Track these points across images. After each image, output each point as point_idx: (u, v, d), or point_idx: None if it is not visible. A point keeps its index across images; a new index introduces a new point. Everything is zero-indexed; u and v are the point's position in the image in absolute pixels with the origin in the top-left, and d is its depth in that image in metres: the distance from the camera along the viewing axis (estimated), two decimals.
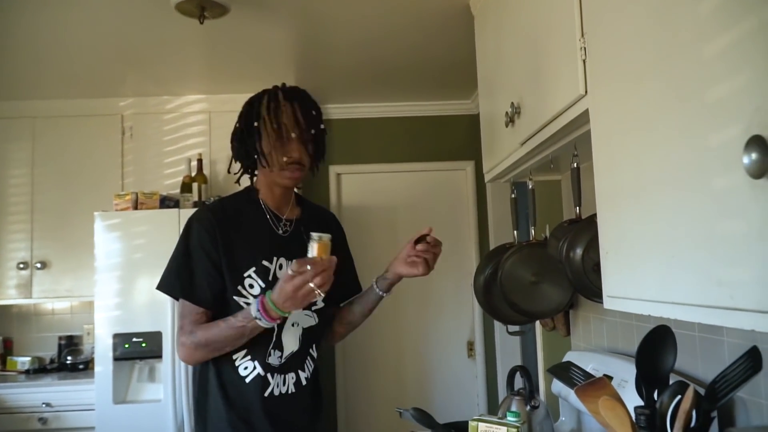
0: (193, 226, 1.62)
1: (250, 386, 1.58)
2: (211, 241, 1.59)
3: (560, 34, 1.35)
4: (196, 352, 1.56)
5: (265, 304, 1.45)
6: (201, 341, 1.54)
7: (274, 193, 1.70)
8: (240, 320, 1.50)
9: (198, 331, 1.55)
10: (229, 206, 1.69)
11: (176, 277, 1.60)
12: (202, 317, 1.57)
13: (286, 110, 1.59)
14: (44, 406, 3.24)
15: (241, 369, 1.60)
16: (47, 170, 3.68)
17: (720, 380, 1.00)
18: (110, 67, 3.27)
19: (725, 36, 0.76)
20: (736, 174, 0.72)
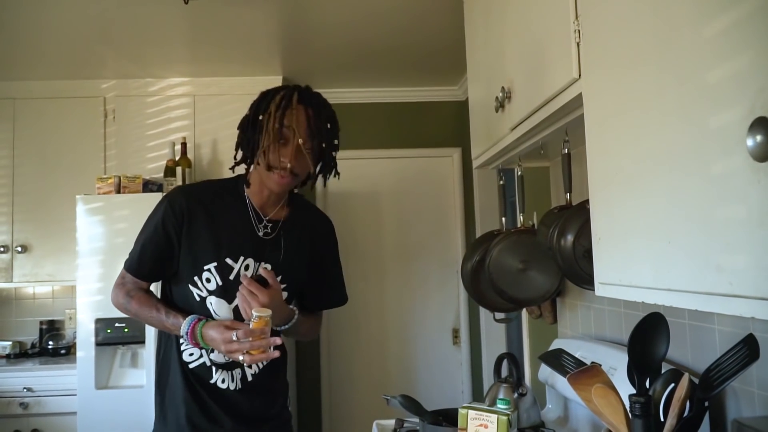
0: (163, 202, 1.61)
1: (194, 372, 1.59)
2: (173, 224, 1.56)
3: (553, 16, 1.32)
4: (124, 311, 1.62)
5: (195, 331, 1.50)
6: (131, 310, 1.60)
7: (262, 191, 1.61)
8: (169, 323, 1.55)
9: (134, 299, 1.59)
10: (209, 193, 1.63)
11: (133, 250, 1.63)
12: (140, 284, 1.62)
13: (295, 113, 1.49)
14: (25, 391, 3.20)
15: (185, 354, 1.60)
16: (28, 152, 3.61)
17: (714, 369, 0.99)
18: (92, 48, 3.20)
19: (727, 15, 0.74)
20: (737, 157, 0.70)
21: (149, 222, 1.61)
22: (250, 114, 1.55)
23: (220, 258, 1.56)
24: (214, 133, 3.67)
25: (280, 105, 1.48)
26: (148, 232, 1.60)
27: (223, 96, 3.69)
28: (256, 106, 1.54)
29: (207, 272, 1.56)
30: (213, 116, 3.68)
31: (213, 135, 3.67)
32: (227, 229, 1.58)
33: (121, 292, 1.62)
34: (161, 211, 1.58)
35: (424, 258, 4.08)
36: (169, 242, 1.57)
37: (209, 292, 1.57)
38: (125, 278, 1.63)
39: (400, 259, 4.07)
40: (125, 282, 1.63)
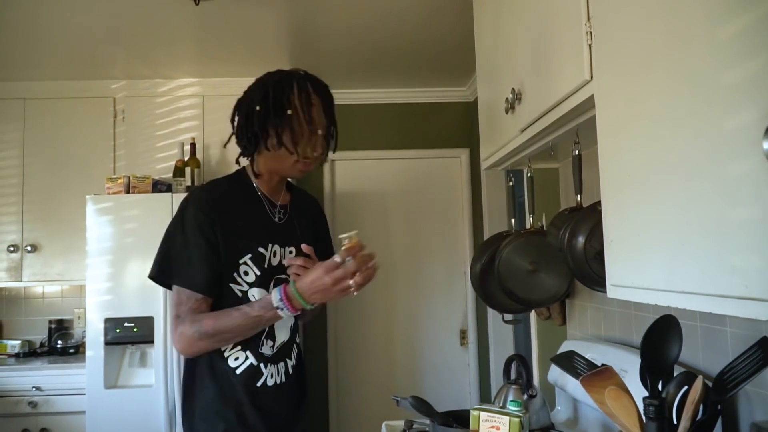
0: (189, 207, 1.54)
1: (241, 377, 1.53)
2: (209, 223, 1.51)
3: (565, 18, 1.32)
4: (199, 342, 1.46)
5: (289, 294, 1.41)
6: (208, 331, 1.45)
7: (272, 179, 1.64)
8: (256, 309, 1.44)
9: (204, 319, 1.46)
10: (223, 189, 1.62)
11: (171, 262, 1.51)
12: (201, 305, 1.49)
13: (316, 107, 1.56)
14: (34, 390, 3.22)
15: (231, 360, 1.54)
16: (38, 152, 3.63)
17: (728, 371, 0.99)
18: (102, 48, 3.21)
19: (741, 18, 0.73)
20: (752, 159, 0.70)
21: (184, 233, 1.52)
22: (265, 106, 1.52)
23: (253, 248, 1.55)
24: (223, 133, 3.66)
25: (302, 98, 1.53)
26: (190, 242, 1.51)
27: (232, 96, 3.60)
28: (274, 99, 1.52)
29: (244, 265, 1.54)
30: (222, 117, 3.65)
31: (222, 135, 3.68)
32: (249, 220, 1.58)
33: (185, 325, 1.47)
34: (191, 217, 1.52)
35: (431, 259, 4.08)
36: (214, 245, 1.51)
37: (249, 284, 1.55)
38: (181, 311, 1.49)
39: (408, 259, 4.07)
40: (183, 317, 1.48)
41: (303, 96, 1.54)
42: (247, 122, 1.55)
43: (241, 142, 1.59)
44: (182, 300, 1.49)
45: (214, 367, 1.53)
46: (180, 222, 1.53)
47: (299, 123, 1.52)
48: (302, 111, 1.52)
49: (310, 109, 1.53)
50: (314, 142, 1.55)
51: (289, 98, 1.53)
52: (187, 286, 1.49)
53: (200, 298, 1.49)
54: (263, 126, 1.53)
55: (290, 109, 1.51)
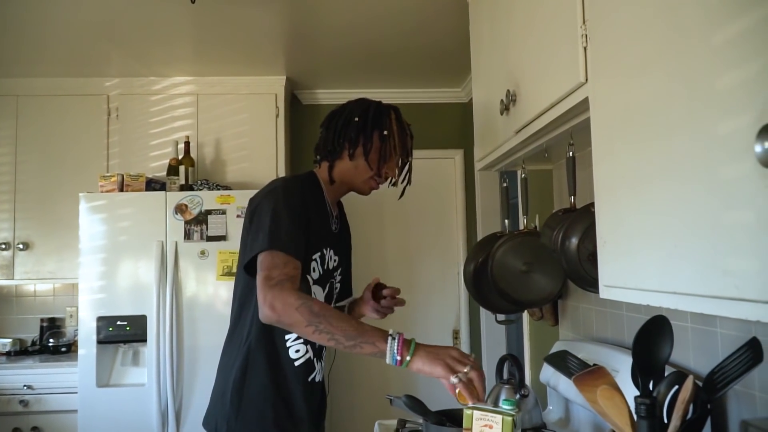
0: (286, 192, 1.55)
1: (299, 369, 1.56)
2: (303, 210, 1.54)
3: (561, 21, 1.34)
4: (295, 312, 1.34)
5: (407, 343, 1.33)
6: (314, 309, 1.34)
7: (338, 190, 1.73)
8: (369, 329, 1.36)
9: (312, 301, 1.36)
10: (307, 187, 1.65)
11: (285, 233, 1.46)
12: (297, 277, 1.43)
13: (408, 137, 1.71)
14: (25, 389, 3.20)
15: (292, 351, 1.56)
16: (31, 149, 3.62)
17: (718, 371, 1.00)
18: (96, 46, 3.21)
19: (736, 23, 0.75)
20: (745, 163, 0.72)
21: (278, 208, 1.49)
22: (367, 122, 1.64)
23: (321, 247, 1.61)
24: (217, 132, 3.68)
25: (398, 126, 1.67)
26: (293, 213, 1.50)
27: (226, 95, 3.70)
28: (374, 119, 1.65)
29: (314, 261, 1.58)
30: (216, 115, 3.69)
31: (216, 134, 3.68)
32: (319, 222, 1.63)
33: (288, 289, 1.38)
34: (284, 196, 1.53)
35: (425, 259, 4.09)
36: (306, 225, 1.53)
37: (313, 280, 1.58)
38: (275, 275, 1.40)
39: (402, 260, 4.08)
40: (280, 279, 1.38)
41: (400, 125, 1.67)
42: (343, 128, 1.65)
43: (327, 147, 1.67)
44: (277, 263, 1.41)
45: (274, 355, 1.54)
46: (279, 199, 1.51)
47: (390, 145, 1.64)
48: (397, 136, 1.66)
49: (405, 138, 1.68)
50: (392, 165, 1.68)
51: (389, 120, 1.66)
52: (288, 251, 1.43)
53: (298, 266, 1.44)
54: (358, 135, 1.63)
55: (387, 130, 1.64)
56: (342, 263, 1.74)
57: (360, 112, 1.65)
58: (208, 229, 3.14)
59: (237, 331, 1.59)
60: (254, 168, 3.66)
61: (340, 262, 1.73)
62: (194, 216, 3.14)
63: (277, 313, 1.35)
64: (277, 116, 3.69)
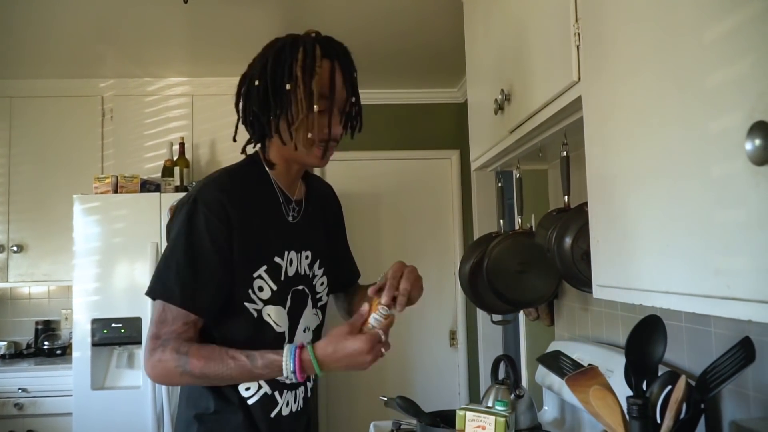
0: (198, 210, 1.24)
1: (253, 408, 1.30)
2: (223, 231, 1.24)
3: (553, 20, 1.33)
4: (180, 378, 1.21)
5: (305, 363, 1.18)
6: (193, 372, 1.19)
7: (290, 170, 1.36)
8: (259, 368, 1.19)
9: (191, 357, 1.19)
10: (238, 183, 1.32)
11: (176, 279, 1.22)
12: (189, 330, 1.22)
13: (326, 73, 1.24)
14: (20, 392, 3.19)
15: (242, 389, 1.30)
16: (25, 151, 3.61)
17: (711, 371, 1.00)
18: (91, 47, 3.20)
19: (727, 20, 0.74)
20: (736, 161, 0.71)
21: (190, 236, 1.23)
22: (264, 81, 1.25)
23: (270, 258, 1.30)
24: (212, 133, 3.67)
25: (306, 68, 1.22)
26: (194, 250, 1.23)
27: (222, 96, 3.69)
28: (272, 70, 1.24)
29: (259, 279, 1.28)
30: (212, 116, 3.68)
31: (211, 135, 3.67)
32: (267, 221, 1.32)
33: (167, 354, 1.19)
34: (201, 219, 1.23)
35: (421, 259, 4.08)
36: (222, 256, 1.24)
37: (264, 302, 1.29)
38: (163, 333, 1.20)
39: (398, 260, 4.06)
40: (164, 340, 1.20)
41: (308, 63, 1.22)
42: (246, 101, 1.29)
43: (248, 129, 1.33)
44: (167, 319, 1.21)
45: (221, 399, 1.29)
46: (187, 227, 1.23)
47: (299, 98, 1.22)
48: (305, 82, 1.21)
49: (312, 80, 1.22)
50: (327, 121, 1.25)
51: (290, 67, 1.23)
52: (182, 306, 1.21)
53: (191, 321, 1.22)
54: (264, 105, 1.25)
55: (291, 81, 1.22)
56: (318, 254, 1.42)
57: (259, 72, 1.26)
58: None
59: None
60: None
61: (315, 255, 1.41)
62: None
63: (160, 381, 1.25)
64: None
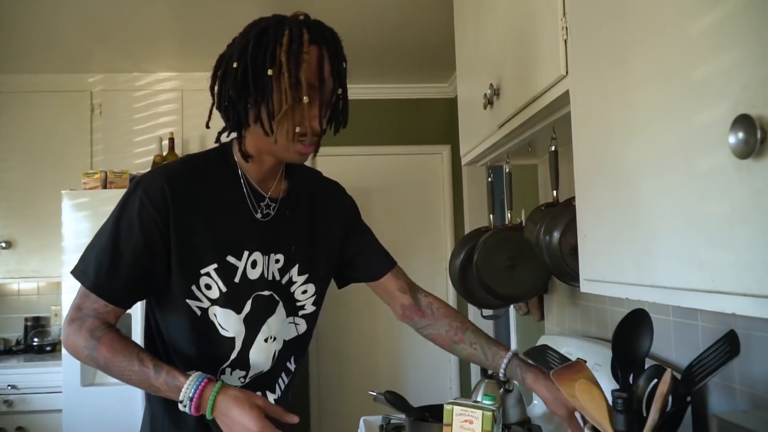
0: (135, 196, 1.17)
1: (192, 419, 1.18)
2: (157, 223, 1.16)
3: (541, 14, 1.33)
4: (85, 359, 1.16)
5: (203, 397, 1.09)
6: (99, 360, 1.14)
7: (263, 163, 1.24)
8: (161, 380, 1.12)
9: (101, 345, 1.13)
10: (194, 171, 1.23)
11: (94, 262, 1.16)
12: (110, 314, 1.18)
13: (313, 60, 1.12)
14: (10, 389, 3.18)
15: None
16: (12, 146, 3.58)
17: (696, 364, 1.00)
18: (79, 41, 3.17)
19: (712, 13, 0.74)
20: (720, 154, 0.71)
21: (119, 220, 1.17)
22: (243, 64, 1.13)
23: (221, 257, 1.21)
24: (202, 128, 3.62)
25: (291, 52, 1.10)
26: (119, 234, 1.16)
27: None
28: (253, 52, 1.12)
29: (206, 277, 1.20)
30: (201, 111, 3.62)
31: (201, 130, 3.65)
32: (224, 217, 1.23)
33: (82, 332, 1.14)
34: (135, 204, 1.16)
35: (413, 254, 4.09)
36: (151, 247, 1.17)
37: (211, 301, 1.22)
38: (85, 306, 1.16)
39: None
40: (85, 314, 1.15)
41: (293, 47, 1.11)
42: (222, 86, 1.17)
43: (224, 117, 1.20)
44: (89, 297, 1.17)
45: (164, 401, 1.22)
46: (118, 212, 1.18)
47: (283, 86, 1.10)
48: (290, 69, 1.10)
49: (300, 65, 1.10)
50: (309, 113, 1.14)
51: (274, 51, 1.11)
52: (94, 290, 1.16)
53: (111, 310, 1.18)
54: (242, 90, 1.13)
55: (273, 66, 1.10)
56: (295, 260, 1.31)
57: (239, 54, 1.14)
58: None
59: None
60: None
61: (290, 259, 1.30)
62: None
63: (73, 356, 1.18)
64: None
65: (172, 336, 1.24)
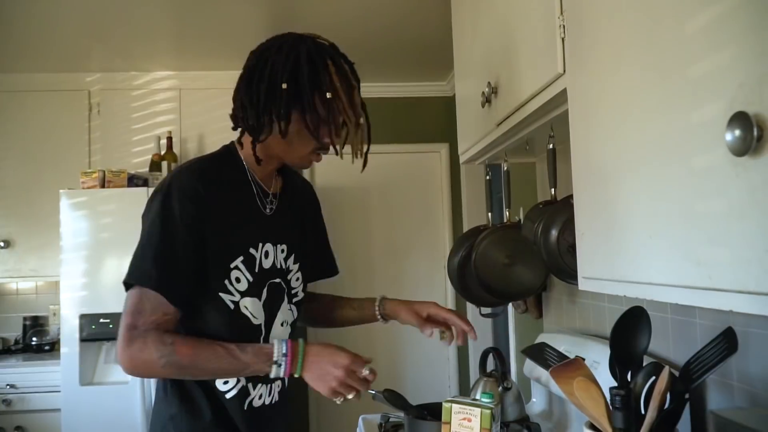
0: (172, 195, 1.23)
1: (232, 401, 1.31)
2: (198, 217, 1.24)
3: (539, 12, 1.33)
4: (161, 370, 1.20)
5: (295, 353, 1.23)
6: (181, 362, 1.19)
7: (269, 164, 1.38)
8: (249, 355, 1.22)
9: (178, 346, 1.19)
10: (213, 173, 1.32)
11: (152, 263, 1.21)
12: (169, 322, 1.22)
13: (356, 95, 1.31)
14: (8, 388, 3.17)
15: (219, 384, 1.30)
16: (10, 146, 3.58)
17: (694, 361, 1.00)
18: (77, 40, 3.17)
19: (708, 11, 0.74)
20: (717, 152, 0.71)
21: (165, 223, 1.23)
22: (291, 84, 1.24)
23: (245, 249, 1.31)
24: (200, 127, 3.65)
25: (341, 80, 1.27)
26: (172, 236, 1.22)
27: (209, 90, 3.67)
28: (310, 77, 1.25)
29: (236, 270, 1.29)
30: (199, 110, 3.66)
31: (199, 129, 3.65)
32: (242, 213, 1.33)
33: (149, 346, 1.18)
34: (176, 206, 1.23)
35: (411, 253, 4.09)
36: (198, 246, 1.24)
37: (241, 294, 1.30)
38: (140, 323, 1.19)
39: (388, 254, 4.08)
40: (142, 330, 1.19)
41: (341, 75, 1.27)
42: (268, 100, 1.25)
43: (250, 122, 1.28)
44: (144, 309, 1.20)
45: (204, 391, 1.30)
46: (162, 212, 1.23)
47: (337, 109, 1.26)
48: (344, 93, 1.26)
49: (352, 93, 1.28)
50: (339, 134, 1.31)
51: (328, 76, 1.25)
52: (159, 289, 1.20)
53: (171, 313, 1.22)
54: (290, 109, 1.25)
55: (330, 91, 1.25)
56: (293, 249, 1.43)
57: (288, 74, 1.24)
58: None
59: None
60: None
61: (290, 249, 1.42)
62: None
63: (141, 375, 1.24)
64: None
65: (210, 333, 1.28)
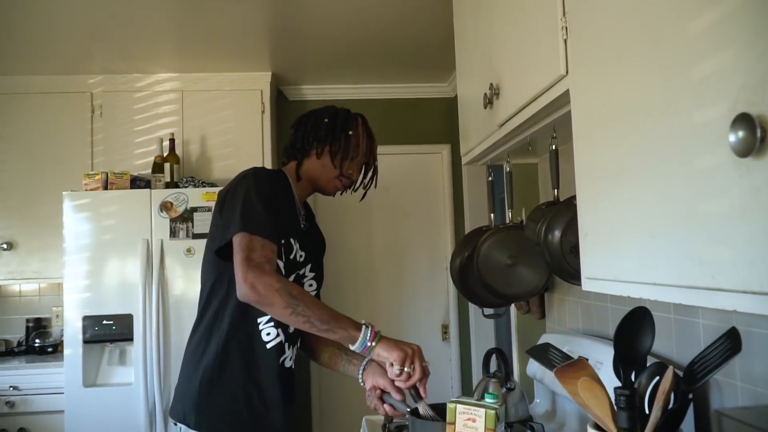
0: (260, 174, 1.60)
1: (270, 352, 1.58)
2: (272, 196, 1.57)
3: (541, 13, 1.33)
4: (276, 294, 1.40)
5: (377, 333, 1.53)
6: (294, 293, 1.41)
7: (305, 188, 1.77)
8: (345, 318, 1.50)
9: (289, 283, 1.44)
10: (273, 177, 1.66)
11: (258, 217, 1.49)
12: (275, 257, 1.49)
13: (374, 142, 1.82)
14: (11, 390, 3.18)
15: (263, 334, 1.57)
16: (13, 148, 3.58)
17: (698, 361, 1.00)
18: (79, 42, 3.17)
19: (710, 12, 0.74)
20: (720, 152, 0.71)
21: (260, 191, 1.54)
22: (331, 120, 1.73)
23: (288, 236, 1.60)
24: (202, 129, 3.66)
25: (363, 130, 1.77)
26: (266, 199, 1.53)
27: (211, 92, 3.67)
28: (343, 117, 1.75)
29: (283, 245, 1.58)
30: (201, 112, 3.66)
31: (201, 131, 3.66)
32: (287, 211, 1.64)
33: (267, 273, 1.41)
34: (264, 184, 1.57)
35: (413, 254, 4.09)
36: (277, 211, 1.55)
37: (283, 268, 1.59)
38: (255, 257, 1.44)
39: (390, 255, 4.08)
40: (259, 261, 1.43)
41: (366, 129, 1.78)
42: (313, 128, 1.72)
43: (296, 146, 1.74)
44: (255, 246, 1.44)
45: (248, 338, 1.56)
46: (250, 185, 1.54)
47: (354, 145, 1.73)
48: (363, 138, 1.76)
49: (370, 142, 1.78)
50: (358, 167, 1.76)
51: (355, 123, 1.75)
52: (263, 234, 1.46)
53: (274, 249, 1.48)
54: (327, 135, 1.70)
55: (353, 131, 1.73)
56: (310, 261, 1.74)
57: (329, 116, 1.74)
58: (193, 226, 3.12)
59: (207, 317, 1.61)
60: (240, 164, 3.59)
61: (307, 259, 1.72)
62: (180, 213, 3.12)
63: (258, 294, 1.39)
64: (263, 112, 3.67)
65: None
